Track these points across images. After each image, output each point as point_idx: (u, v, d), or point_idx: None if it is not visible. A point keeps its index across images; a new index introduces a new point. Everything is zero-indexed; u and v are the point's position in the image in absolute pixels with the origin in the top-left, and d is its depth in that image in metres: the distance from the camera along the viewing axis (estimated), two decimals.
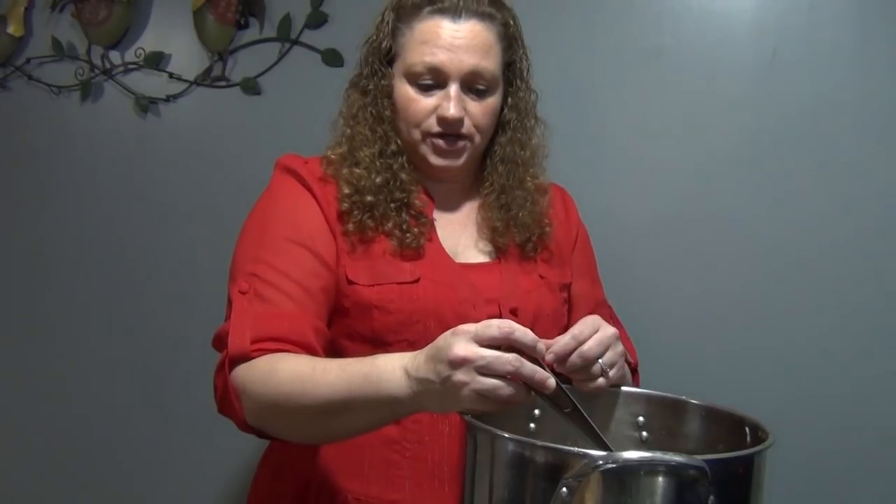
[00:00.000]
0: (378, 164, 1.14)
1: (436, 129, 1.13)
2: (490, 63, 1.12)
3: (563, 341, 0.98)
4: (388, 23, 1.14)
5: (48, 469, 2.20)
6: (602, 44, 1.61)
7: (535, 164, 1.21)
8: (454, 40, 1.10)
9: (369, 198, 1.12)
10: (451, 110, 1.10)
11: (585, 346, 0.99)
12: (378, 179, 1.13)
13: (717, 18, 1.54)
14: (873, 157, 1.46)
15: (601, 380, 1.02)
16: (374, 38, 1.16)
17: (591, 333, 1.00)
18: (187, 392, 1.96)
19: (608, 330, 1.02)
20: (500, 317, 1.12)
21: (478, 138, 1.15)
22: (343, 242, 1.12)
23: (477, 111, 1.13)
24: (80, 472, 2.16)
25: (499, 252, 1.20)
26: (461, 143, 1.14)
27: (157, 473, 2.06)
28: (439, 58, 1.10)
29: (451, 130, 1.12)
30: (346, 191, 1.12)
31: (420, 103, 1.13)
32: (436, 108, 1.12)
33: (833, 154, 1.48)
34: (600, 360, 1.00)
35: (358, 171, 1.13)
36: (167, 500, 2.05)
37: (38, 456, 2.21)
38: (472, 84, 1.12)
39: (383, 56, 1.15)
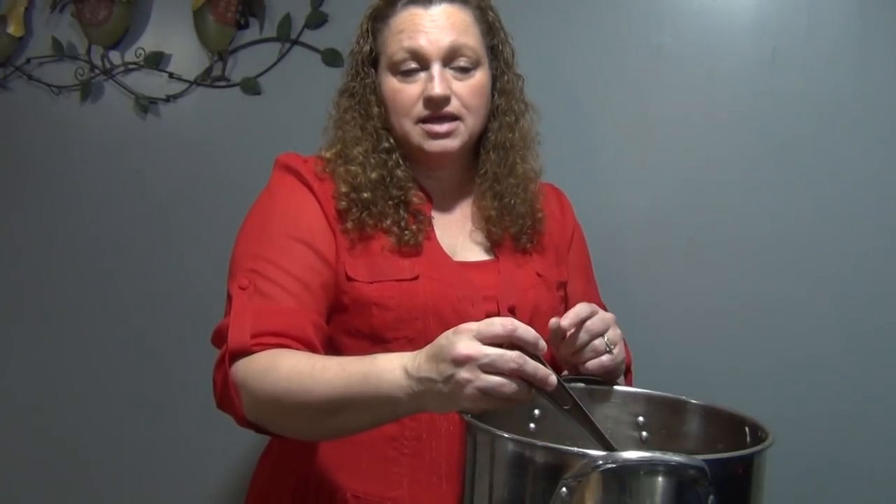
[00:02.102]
0: (372, 159, 1.15)
1: (424, 112, 1.14)
2: (469, 39, 1.14)
3: (566, 321, 1.02)
4: (366, 29, 1.18)
5: (46, 466, 2.20)
6: (602, 42, 1.61)
7: (525, 148, 1.22)
8: (430, 23, 1.12)
9: (366, 194, 1.13)
10: (436, 89, 1.11)
11: (589, 322, 1.04)
12: (373, 175, 1.14)
13: (716, 17, 1.54)
14: (873, 157, 1.46)
15: (606, 357, 1.05)
16: (356, 46, 1.19)
17: (589, 315, 1.05)
18: (187, 389, 1.96)
19: (606, 314, 1.07)
20: (499, 315, 1.13)
21: (470, 119, 1.15)
22: (343, 240, 1.12)
23: (463, 90, 1.14)
24: (77, 469, 2.16)
25: (494, 245, 1.21)
26: (452, 124, 1.14)
27: (155, 470, 2.06)
28: (417, 41, 1.12)
29: (438, 111, 1.13)
30: (343, 189, 1.13)
31: (405, 91, 1.14)
32: (422, 93, 1.13)
33: (832, 153, 1.48)
34: (604, 338, 1.04)
35: (353, 168, 1.14)
36: (166, 497, 2.05)
37: (37, 454, 2.21)
38: (454, 61, 1.13)
39: (366, 58, 1.17)
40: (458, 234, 1.21)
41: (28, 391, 2.23)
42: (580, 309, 1.04)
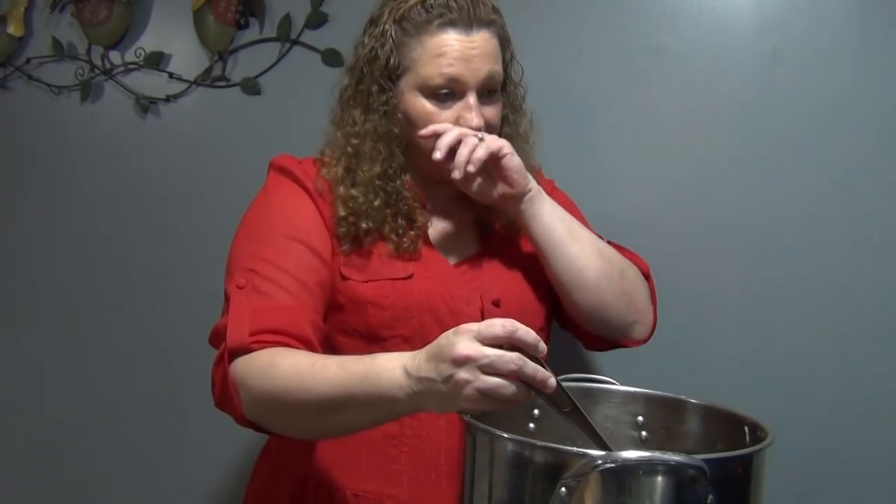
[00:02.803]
0: (377, 184, 1.14)
1: None
2: (499, 67, 1.15)
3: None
4: (391, 37, 1.12)
5: (45, 464, 2.20)
6: (602, 43, 1.61)
7: (531, 156, 1.24)
8: (470, 51, 1.11)
9: (365, 225, 1.13)
10: (475, 120, 1.12)
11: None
12: (377, 202, 1.13)
13: (716, 16, 1.54)
14: (873, 156, 1.46)
15: (480, 148, 1.09)
16: (377, 53, 1.13)
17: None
18: (185, 388, 1.96)
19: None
20: (484, 308, 1.14)
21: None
22: (340, 254, 1.13)
23: (491, 115, 1.15)
24: (74, 468, 2.16)
25: (484, 238, 1.21)
26: None
27: (153, 469, 2.06)
28: (457, 69, 1.11)
29: None
30: (342, 213, 1.13)
31: (439, 116, 1.13)
32: (456, 119, 1.13)
33: (832, 153, 1.48)
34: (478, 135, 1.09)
35: (355, 192, 1.13)
36: (164, 496, 2.05)
37: (34, 452, 2.21)
38: (486, 90, 1.14)
39: (391, 72, 1.13)
40: (450, 233, 1.21)
41: (27, 390, 2.23)
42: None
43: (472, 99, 1.12)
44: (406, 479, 1.12)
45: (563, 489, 0.76)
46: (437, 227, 1.20)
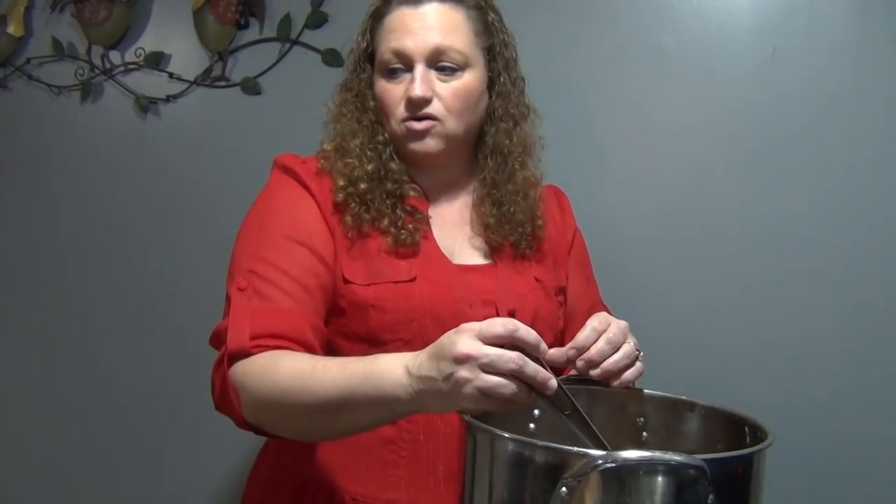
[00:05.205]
0: (368, 152, 1.15)
1: (405, 113, 1.14)
2: (456, 41, 1.13)
3: (584, 334, 0.99)
4: (367, 28, 1.19)
5: (43, 463, 2.20)
6: (602, 43, 1.61)
7: (524, 154, 1.21)
8: (418, 23, 1.12)
9: (363, 186, 1.13)
10: (416, 90, 1.11)
11: (607, 335, 1.00)
12: (369, 167, 1.14)
13: (717, 17, 1.54)
14: (873, 157, 1.46)
15: (628, 372, 1.02)
16: (356, 43, 1.20)
17: (606, 326, 1.01)
18: (184, 390, 1.96)
19: (620, 323, 1.03)
20: (498, 315, 1.12)
21: (450, 121, 1.14)
22: (341, 238, 1.12)
23: (446, 92, 1.13)
24: (74, 468, 2.16)
25: (493, 251, 1.20)
26: (428, 122, 1.13)
27: (151, 472, 2.06)
28: (402, 42, 1.12)
29: (417, 112, 1.13)
30: (341, 182, 1.13)
31: (391, 92, 1.14)
32: (405, 94, 1.13)
33: (832, 153, 1.48)
34: (630, 343, 1.02)
35: (350, 160, 1.14)
36: (160, 499, 2.05)
37: (34, 453, 2.21)
38: (438, 62, 1.13)
39: (363, 55, 1.18)
40: (456, 236, 1.20)
41: (27, 389, 2.23)
42: (585, 335, 1.00)
43: (417, 70, 1.12)
44: (404, 484, 1.11)
45: (564, 489, 0.76)
46: (439, 223, 1.19)
